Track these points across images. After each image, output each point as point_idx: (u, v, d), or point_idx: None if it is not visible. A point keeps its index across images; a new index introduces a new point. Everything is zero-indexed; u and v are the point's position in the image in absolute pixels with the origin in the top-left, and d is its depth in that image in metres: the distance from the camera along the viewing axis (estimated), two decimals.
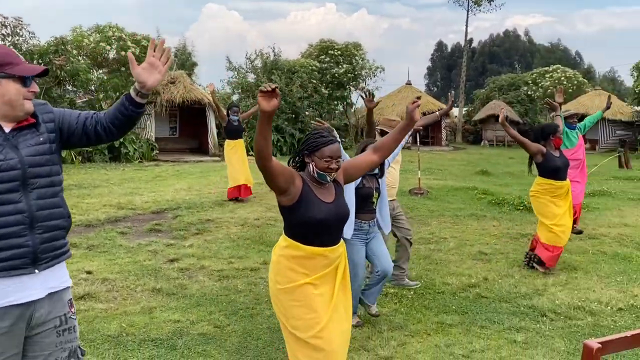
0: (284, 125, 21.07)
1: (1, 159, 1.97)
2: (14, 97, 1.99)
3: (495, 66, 67.31)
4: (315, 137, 2.76)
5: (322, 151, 2.70)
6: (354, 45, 26.55)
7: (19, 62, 2.04)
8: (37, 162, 2.07)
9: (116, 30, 17.62)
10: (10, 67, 1.99)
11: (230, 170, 9.33)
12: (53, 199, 2.13)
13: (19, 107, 2.02)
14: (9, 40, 15.45)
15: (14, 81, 2.00)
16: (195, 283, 5.13)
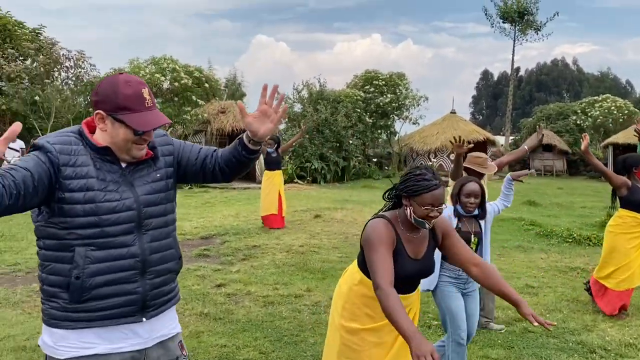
0: (329, 153, 21.32)
1: (116, 199, 1.86)
2: (121, 142, 1.86)
3: (543, 95, 66.13)
4: (418, 179, 2.47)
5: (424, 197, 2.44)
6: (398, 75, 26.76)
7: (139, 109, 1.84)
8: (153, 201, 1.95)
9: (170, 62, 18.40)
10: (125, 112, 1.82)
11: (263, 199, 9.61)
12: (166, 240, 2.01)
13: (126, 152, 1.89)
14: (72, 72, 16.37)
15: (126, 127, 1.84)
16: (242, 308, 5.26)
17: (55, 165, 1.77)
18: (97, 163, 1.86)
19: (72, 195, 1.79)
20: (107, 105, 1.83)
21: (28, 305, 5.15)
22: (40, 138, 1.85)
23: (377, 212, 2.70)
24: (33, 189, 1.70)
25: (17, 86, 15.23)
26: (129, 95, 1.82)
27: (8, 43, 17.09)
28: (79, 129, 1.91)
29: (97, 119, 1.86)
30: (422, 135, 27.75)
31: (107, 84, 1.86)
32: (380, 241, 2.44)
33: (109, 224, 1.83)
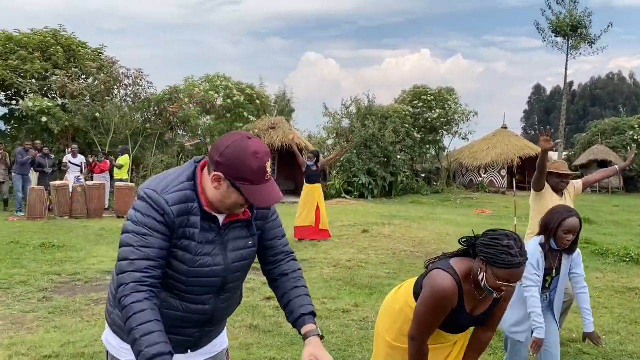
0: (376, 168, 21.34)
1: (208, 265, 1.86)
2: (229, 204, 1.83)
3: (598, 110, 63.95)
4: (502, 250, 2.27)
5: (502, 272, 2.27)
6: (447, 90, 26.58)
7: (260, 182, 1.79)
8: (240, 269, 1.97)
9: (223, 80, 18.97)
10: (244, 183, 1.77)
11: (301, 211, 9.86)
12: (237, 293, 2.08)
13: (230, 210, 1.87)
14: (130, 90, 17.12)
15: (239, 194, 1.80)
16: None
17: (171, 228, 1.78)
18: (203, 222, 1.84)
19: (173, 251, 1.82)
20: (229, 171, 1.77)
21: (87, 314, 5.37)
22: (158, 191, 1.79)
23: (447, 255, 2.57)
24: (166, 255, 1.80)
25: (80, 103, 16.02)
26: (254, 170, 1.76)
27: (72, 62, 18.04)
28: (196, 180, 1.85)
29: (213, 178, 1.80)
30: (472, 150, 27.37)
31: (234, 150, 1.76)
32: (437, 307, 2.40)
33: (194, 285, 1.87)
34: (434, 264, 2.55)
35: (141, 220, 1.77)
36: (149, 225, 1.76)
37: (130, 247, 1.76)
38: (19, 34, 18.21)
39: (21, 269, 7.13)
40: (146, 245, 1.75)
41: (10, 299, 5.74)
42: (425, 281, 2.48)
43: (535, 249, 3.45)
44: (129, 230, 1.79)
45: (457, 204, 19.98)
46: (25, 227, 10.97)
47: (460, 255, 2.51)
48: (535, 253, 3.44)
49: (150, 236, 1.76)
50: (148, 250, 1.75)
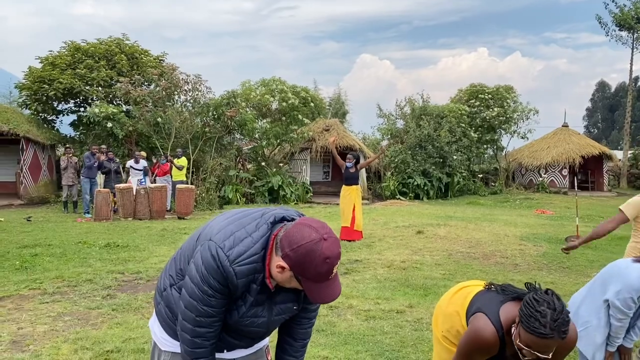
0: (431, 169, 21.07)
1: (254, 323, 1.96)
2: (282, 281, 1.86)
3: None
4: (534, 316, 2.19)
5: (526, 335, 2.20)
6: (505, 88, 25.89)
7: (322, 281, 1.78)
8: (281, 320, 2.07)
9: (279, 84, 19.27)
10: (307, 280, 1.79)
11: (341, 213, 10.05)
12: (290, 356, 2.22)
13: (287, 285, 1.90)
14: (190, 95, 17.70)
15: (300, 284, 1.83)
16: (344, 321, 5.39)
17: (232, 293, 1.86)
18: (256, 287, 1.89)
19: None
20: (295, 267, 1.77)
21: (147, 311, 5.55)
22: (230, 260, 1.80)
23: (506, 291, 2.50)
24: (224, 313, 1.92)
25: (142, 109, 16.68)
26: (321, 273, 1.76)
27: (135, 70, 18.82)
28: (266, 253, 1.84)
29: (278, 266, 1.80)
30: (532, 149, 26.55)
31: (306, 251, 1.74)
32: (475, 352, 2.42)
33: (236, 332, 2.00)
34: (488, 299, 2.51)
35: (206, 280, 1.82)
36: (213, 287, 1.82)
37: (195, 302, 1.86)
38: (86, 44, 19.19)
39: (87, 268, 7.51)
40: (209, 305, 1.85)
41: (77, 296, 6.05)
42: (472, 320, 2.47)
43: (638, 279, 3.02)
44: (194, 282, 1.85)
45: (516, 204, 19.44)
46: (92, 228, 11.52)
47: (516, 299, 2.44)
48: (633, 290, 3.02)
49: (213, 297, 1.84)
50: (210, 310, 1.86)
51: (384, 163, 22.24)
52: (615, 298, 3.05)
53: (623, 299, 3.03)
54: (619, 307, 3.05)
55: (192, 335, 1.89)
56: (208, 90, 17.73)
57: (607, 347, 3.22)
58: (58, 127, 19.66)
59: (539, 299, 2.22)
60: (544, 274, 7.44)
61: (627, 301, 3.04)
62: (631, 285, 3.01)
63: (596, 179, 26.77)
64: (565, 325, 2.17)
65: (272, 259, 1.82)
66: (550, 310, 2.17)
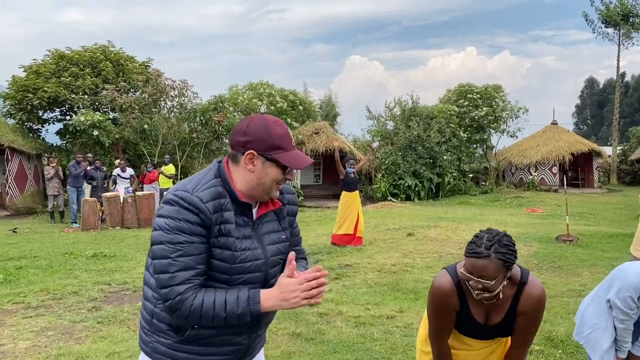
0: (422, 170, 21.04)
1: (250, 258, 1.84)
2: (268, 182, 1.83)
3: None
4: (472, 241, 2.30)
5: (467, 261, 2.30)
6: (493, 87, 25.97)
7: (289, 148, 1.84)
8: (278, 262, 1.96)
9: (266, 87, 19.20)
10: (280, 152, 1.81)
11: (339, 219, 9.73)
12: None
13: (267, 192, 1.86)
14: (177, 101, 17.57)
15: (277, 166, 1.82)
16: (333, 329, 5.31)
17: (207, 227, 1.74)
18: (237, 217, 1.82)
19: (212, 251, 1.77)
20: (259, 145, 1.80)
21: (133, 324, 5.45)
22: (191, 191, 1.74)
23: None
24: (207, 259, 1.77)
25: (129, 116, 16.54)
26: (281, 135, 1.82)
27: (121, 77, 18.67)
28: (224, 175, 1.83)
29: (246, 160, 1.81)
30: (521, 148, 26.62)
31: (257, 124, 1.82)
32: (436, 307, 2.39)
33: (237, 283, 1.82)
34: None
35: (174, 227, 1.71)
36: (184, 230, 1.71)
37: (167, 259, 1.70)
38: (71, 51, 19.01)
39: (73, 279, 7.37)
40: (184, 254, 1.71)
41: (61, 309, 5.92)
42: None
43: (639, 279, 3.00)
44: (161, 241, 1.72)
45: (506, 203, 19.45)
46: (79, 238, 11.37)
47: None
48: (638, 285, 2.99)
49: (187, 243, 1.71)
50: (187, 260, 1.71)
51: (375, 165, 22.19)
52: (615, 297, 3.05)
53: (623, 297, 3.01)
54: (619, 307, 3.03)
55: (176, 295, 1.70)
56: (194, 95, 17.64)
57: (616, 352, 3.16)
58: (44, 136, 19.47)
59: (482, 232, 2.31)
60: (535, 274, 7.37)
61: (627, 300, 3.00)
62: (629, 283, 3.00)
63: (586, 175, 26.87)
64: (503, 247, 2.17)
65: (235, 171, 1.84)
66: (487, 234, 2.25)
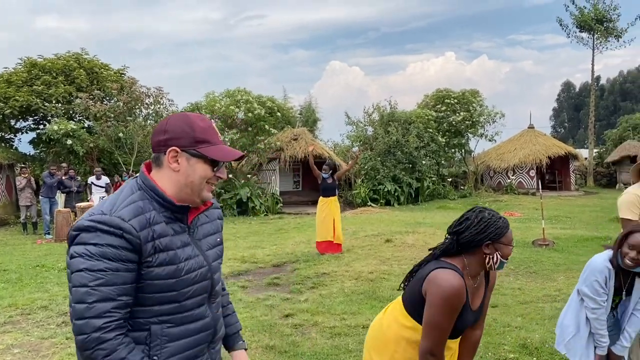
0: (401, 175, 21.09)
1: (194, 267, 1.72)
2: (197, 181, 1.69)
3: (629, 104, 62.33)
4: (497, 221, 2.31)
5: (508, 235, 2.31)
6: (471, 92, 26.22)
7: (217, 142, 1.72)
8: (218, 268, 1.86)
9: (244, 94, 19.04)
10: (205, 145, 1.68)
11: (318, 226, 9.62)
12: (221, 307, 1.95)
13: (197, 193, 1.71)
14: (152, 109, 17.35)
15: (204, 162, 1.69)
16: (308, 340, 5.22)
17: (137, 249, 1.58)
18: (171, 226, 1.68)
19: (152, 272, 1.62)
20: (182, 140, 1.66)
21: None
22: (108, 212, 1.57)
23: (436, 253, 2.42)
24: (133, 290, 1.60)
25: (103, 124, 16.28)
26: (205, 128, 1.70)
27: (95, 85, 18.39)
28: (148, 183, 1.69)
29: (169, 158, 1.67)
30: (499, 152, 26.89)
31: (177, 120, 1.70)
32: (452, 307, 2.24)
33: (187, 297, 1.70)
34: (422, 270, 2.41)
35: (96, 253, 1.52)
36: (108, 256, 1.53)
37: (86, 288, 1.51)
38: (43, 59, 18.69)
39: (44, 293, 7.17)
40: (105, 283, 1.52)
41: (30, 325, 5.75)
42: (428, 286, 2.28)
43: (603, 263, 3.06)
44: (80, 268, 1.52)
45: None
46: (52, 249, 11.11)
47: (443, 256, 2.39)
48: (603, 269, 3.05)
49: (110, 271, 1.53)
50: (107, 289, 1.53)
51: (354, 170, 22.19)
52: (583, 285, 3.09)
53: (590, 283, 3.04)
54: (587, 294, 3.05)
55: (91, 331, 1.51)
56: (170, 102, 17.43)
57: (595, 350, 3.14)
58: (17, 145, 19.09)
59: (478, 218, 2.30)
60: (511, 279, 7.39)
61: (594, 285, 3.03)
62: (595, 267, 3.05)
63: (563, 178, 27.23)
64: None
65: (160, 176, 1.70)
66: (486, 211, 2.34)
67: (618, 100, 67.01)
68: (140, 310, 1.63)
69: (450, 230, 2.40)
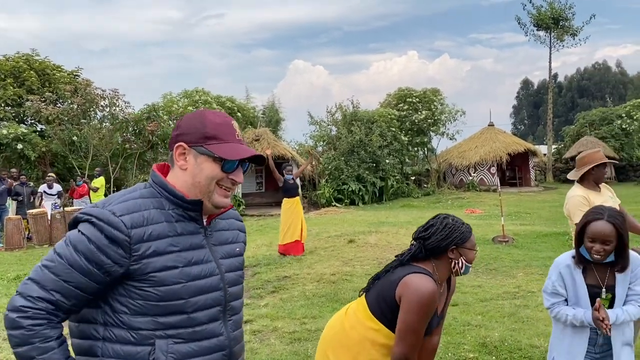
0: (365, 174, 21.10)
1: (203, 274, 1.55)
2: (203, 181, 1.54)
3: (586, 100, 64.30)
4: (459, 226, 2.38)
5: (471, 240, 2.39)
6: (432, 91, 26.48)
7: (228, 140, 1.56)
8: (235, 281, 1.66)
9: (202, 94, 18.69)
10: (213, 142, 1.53)
11: (286, 228, 9.48)
12: (241, 327, 1.73)
13: (206, 195, 1.55)
14: (107, 111, 16.84)
15: (213, 161, 1.53)
16: (266, 347, 5.07)
17: (124, 246, 1.43)
18: (179, 225, 1.52)
19: (154, 277, 1.46)
20: (191, 136, 1.54)
21: None
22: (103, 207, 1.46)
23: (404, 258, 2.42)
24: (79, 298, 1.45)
25: (56, 128, 15.73)
26: (218, 124, 1.56)
27: (47, 87, 17.76)
28: (157, 179, 1.57)
29: (176, 155, 1.55)
30: (460, 150, 27.22)
31: (191, 117, 1.60)
32: (428, 312, 2.28)
33: (196, 308, 1.51)
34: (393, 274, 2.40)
35: (72, 240, 1.44)
36: (78, 247, 1.42)
37: (39, 265, 1.43)
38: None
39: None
40: (52, 270, 1.42)
41: None
42: (404, 291, 2.28)
43: (564, 258, 2.84)
44: (55, 249, 1.44)
45: (448, 205, 19.75)
46: (2, 258, 10.64)
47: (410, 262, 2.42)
48: (559, 264, 2.83)
49: (67, 262, 1.41)
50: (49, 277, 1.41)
51: (318, 170, 22.10)
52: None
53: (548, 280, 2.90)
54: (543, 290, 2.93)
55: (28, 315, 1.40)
56: (126, 104, 16.99)
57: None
58: None
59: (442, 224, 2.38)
60: (471, 277, 7.37)
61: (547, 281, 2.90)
62: (554, 263, 2.90)
63: (523, 175, 27.76)
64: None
65: (172, 175, 1.58)
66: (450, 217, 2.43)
67: (576, 97, 69.02)
68: (144, 320, 1.46)
69: (415, 236, 2.44)
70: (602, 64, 75.26)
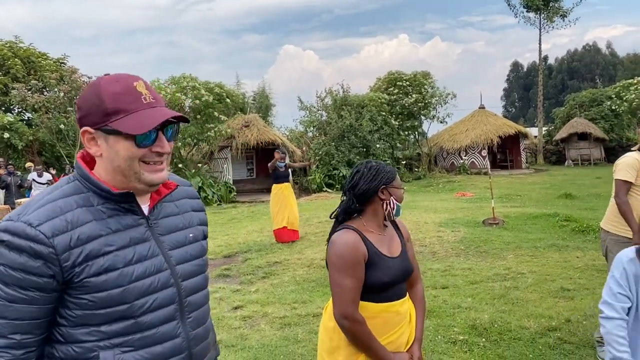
0: (356, 159, 21.06)
1: (149, 272, 1.38)
2: (123, 164, 1.34)
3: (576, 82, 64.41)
4: (383, 167, 2.36)
5: (397, 179, 2.38)
6: (422, 74, 26.36)
7: (134, 108, 1.33)
8: (190, 273, 1.48)
9: (190, 80, 18.48)
10: (119, 117, 1.31)
11: (276, 213, 9.44)
12: (206, 322, 1.56)
13: (133, 177, 1.36)
14: None
15: (124, 138, 1.32)
16: (256, 332, 5.05)
17: (51, 260, 1.26)
18: (112, 220, 1.35)
19: (89, 284, 1.29)
20: (92, 116, 1.32)
21: None
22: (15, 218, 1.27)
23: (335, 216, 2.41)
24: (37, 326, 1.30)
25: (43, 116, 15.52)
26: (117, 93, 1.31)
27: (32, 75, 17.50)
28: (81, 172, 1.38)
29: (86, 142, 1.35)
30: (451, 133, 27.22)
31: (87, 92, 1.35)
32: (349, 261, 2.19)
33: (144, 311, 1.35)
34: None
35: (9, 282, 1.24)
36: (3, 279, 1.24)
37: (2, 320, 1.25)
38: None
39: None
40: (21, 316, 1.26)
41: None
42: (326, 256, 2.30)
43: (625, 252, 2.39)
44: None
45: (439, 188, 19.77)
46: None
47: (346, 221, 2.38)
48: (621, 259, 2.37)
49: (3, 301, 1.25)
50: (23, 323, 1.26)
51: (309, 156, 22.03)
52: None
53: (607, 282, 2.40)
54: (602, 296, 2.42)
55: None
56: None
57: None
58: None
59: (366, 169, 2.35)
60: (462, 259, 7.39)
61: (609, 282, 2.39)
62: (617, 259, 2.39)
63: (514, 157, 27.84)
64: None
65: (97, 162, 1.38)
66: (372, 161, 2.43)
67: (566, 79, 69.12)
68: (86, 331, 1.31)
69: (345, 189, 2.41)
70: (592, 45, 75.33)
